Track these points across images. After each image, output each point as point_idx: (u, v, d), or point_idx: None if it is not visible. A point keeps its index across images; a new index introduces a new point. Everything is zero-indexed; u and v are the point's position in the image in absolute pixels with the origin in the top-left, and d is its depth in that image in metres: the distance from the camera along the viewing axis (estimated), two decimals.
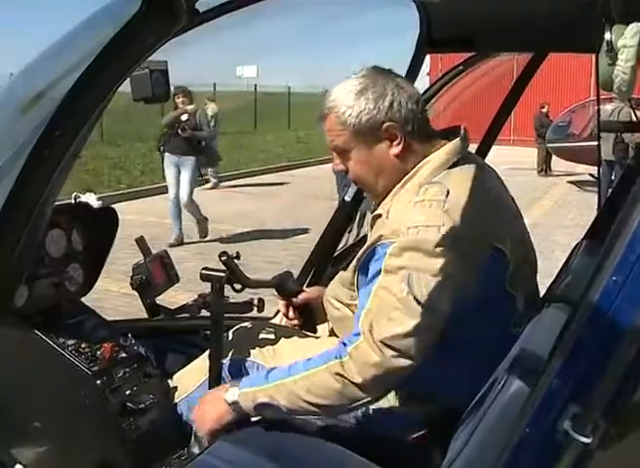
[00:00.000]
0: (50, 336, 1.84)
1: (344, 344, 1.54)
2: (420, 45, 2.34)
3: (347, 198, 2.48)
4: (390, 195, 1.68)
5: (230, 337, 2.02)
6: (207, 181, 11.85)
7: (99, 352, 1.90)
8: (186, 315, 2.00)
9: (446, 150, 1.67)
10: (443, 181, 1.58)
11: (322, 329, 2.11)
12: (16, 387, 1.81)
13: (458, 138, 1.70)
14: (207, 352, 1.96)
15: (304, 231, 8.46)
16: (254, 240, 8.22)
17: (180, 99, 7.73)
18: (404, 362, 1.47)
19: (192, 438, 1.88)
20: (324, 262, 2.57)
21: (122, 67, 0.97)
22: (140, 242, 2.13)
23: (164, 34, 1.10)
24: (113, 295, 5.61)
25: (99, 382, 1.83)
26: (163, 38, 1.11)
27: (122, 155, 14.77)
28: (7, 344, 1.81)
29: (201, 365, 1.98)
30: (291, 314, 2.08)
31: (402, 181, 1.66)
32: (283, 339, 1.99)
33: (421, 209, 1.54)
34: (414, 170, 1.65)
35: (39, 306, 1.92)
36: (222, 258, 1.89)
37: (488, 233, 1.59)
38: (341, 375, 1.51)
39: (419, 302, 1.46)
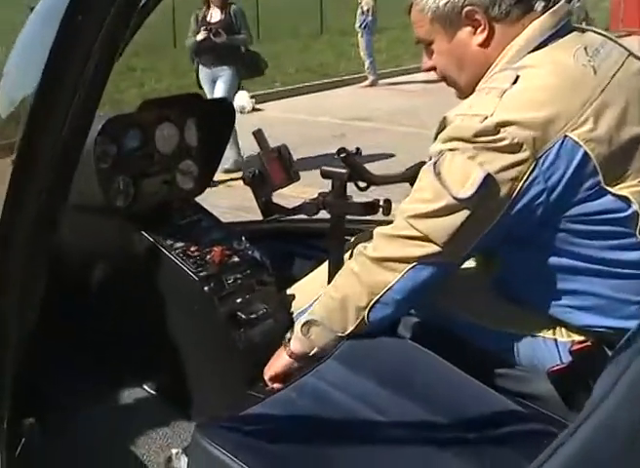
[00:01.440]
0: (157, 237, 1.82)
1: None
2: None
3: None
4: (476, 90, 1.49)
5: (352, 244, 1.85)
6: (365, 78, 11.57)
7: (208, 256, 1.84)
8: (304, 217, 1.86)
9: (532, 28, 1.43)
10: (517, 67, 1.40)
11: None
12: (120, 290, 1.83)
13: (547, 13, 1.43)
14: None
15: None
16: (410, 138, 7.92)
17: None
18: (423, 244, 1.38)
19: None
20: None
21: None
22: (258, 134, 1.97)
23: None
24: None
25: (206, 288, 1.78)
26: None
27: (277, 52, 14.73)
28: (111, 244, 1.84)
29: (324, 274, 1.85)
30: None
31: (488, 73, 1.47)
32: None
33: (477, 96, 1.42)
34: (497, 60, 1.46)
35: (147, 206, 1.91)
36: (342, 155, 1.70)
37: (564, 127, 1.32)
38: (360, 255, 1.47)
39: (446, 187, 1.35)
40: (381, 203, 1.78)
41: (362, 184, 1.80)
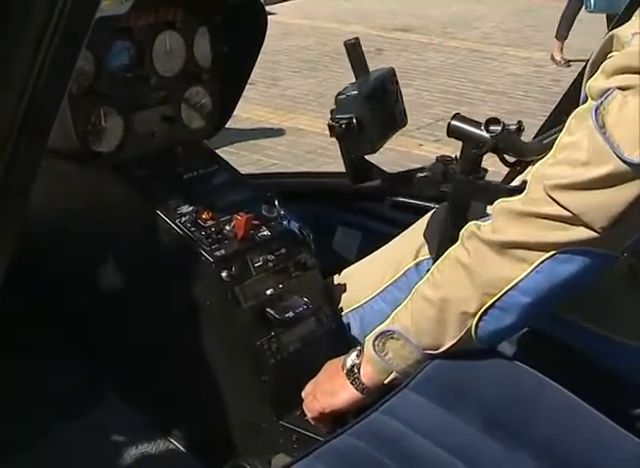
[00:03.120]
0: (155, 198, 1.78)
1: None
2: None
3: None
4: None
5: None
6: None
7: (228, 227, 1.78)
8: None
9: None
10: None
11: None
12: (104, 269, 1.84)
13: None
14: (397, 239, 1.84)
15: (545, 49, 8.08)
16: (468, 57, 7.82)
17: None
18: (571, 227, 1.28)
19: None
20: None
21: None
22: (352, 47, 1.76)
23: None
24: (274, 135, 5.53)
25: (224, 274, 1.71)
26: None
27: None
28: (90, 209, 1.81)
29: (387, 258, 1.87)
30: None
31: None
32: None
33: None
34: None
35: (141, 151, 1.86)
36: (492, 129, 1.54)
37: None
38: (473, 238, 1.37)
39: (612, 145, 1.22)
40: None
41: (511, 159, 1.65)
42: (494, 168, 1.65)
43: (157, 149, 1.89)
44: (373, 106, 1.68)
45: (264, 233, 1.82)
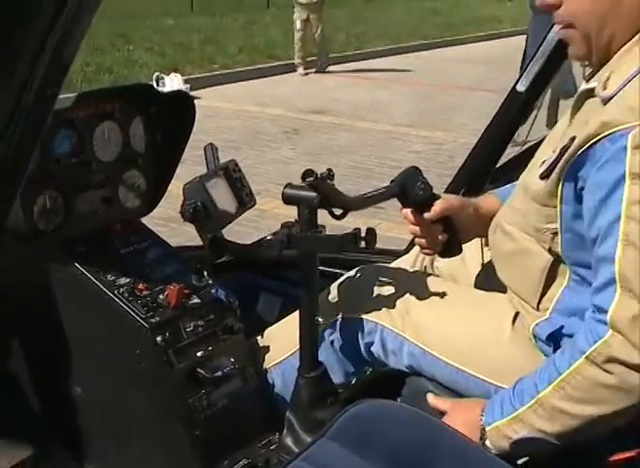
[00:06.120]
0: (95, 272, 1.74)
1: (594, 311, 1.34)
2: None
3: (521, 88, 2.09)
4: (617, 56, 1.43)
5: (343, 286, 1.82)
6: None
7: (161, 296, 1.76)
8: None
9: None
10: None
11: (467, 275, 1.87)
12: (48, 337, 1.77)
13: None
14: None
15: (442, 129, 8.19)
16: (376, 137, 7.93)
17: None
18: None
19: (285, 424, 1.71)
20: (480, 178, 2.24)
21: None
22: (209, 150, 1.85)
23: None
24: None
25: (159, 339, 1.69)
26: None
27: (216, 27, 14.63)
28: (34, 281, 1.76)
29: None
30: (419, 230, 1.77)
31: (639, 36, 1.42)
32: (418, 293, 1.73)
33: None
34: None
35: (82, 229, 1.82)
36: (308, 180, 1.57)
37: None
38: (614, 361, 1.29)
39: None
40: (363, 234, 1.66)
41: (337, 211, 1.67)
42: None
43: (97, 227, 1.86)
44: (216, 192, 1.72)
45: (195, 301, 1.81)
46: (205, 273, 1.86)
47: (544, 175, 1.47)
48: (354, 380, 1.81)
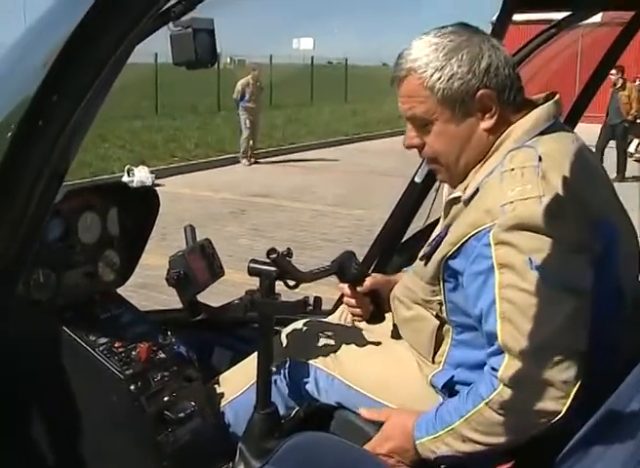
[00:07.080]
0: (80, 334, 1.71)
1: (491, 369, 1.38)
2: (506, 4, 2.04)
3: (418, 179, 2.18)
4: (472, 173, 1.48)
5: (285, 337, 1.84)
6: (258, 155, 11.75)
7: (134, 352, 1.74)
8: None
9: (536, 114, 1.46)
10: (534, 146, 1.40)
11: (382, 328, 1.88)
12: (39, 390, 1.71)
13: (551, 101, 1.49)
14: (255, 353, 1.76)
15: (363, 208, 8.30)
16: (308, 215, 8.01)
17: None
18: (571, 363, 1.29)
19: (237, 453, 1.68)
20: (389, 250, 2.31)
21: (129, 16, 0.71)
22: (189, 230, 1.90)
23: None
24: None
25: (132, 387, 1.67)
26: None
27: (176, 128, 14.71)
28: (31, 342, 1.69)
29: (251, 365, 1.80)
30: (353, 302, 1.83)
31: (486, 156, 1.46)
32: (345, 342, 1.77)
33: (512, 179, 1.35)
34: (499, 139, 1.45)
35: (70, 299, 1.79)
36: (272, 256, 1.64)
37: (594, 206, 1.38)
38: (504, 408, 1.36)
39: (556, 287, 1.29)
40: (311, 301, 1.72)
41: (291, 283, 1.72)
42: None
43: (81, 297, 1.84)
44: (195, 263, 1.79)
45: (161, 356, 1.79)
46: (169, 333, 1.86)
47: (423, 259, 1.53)
48: (293, 413, 1.79)
